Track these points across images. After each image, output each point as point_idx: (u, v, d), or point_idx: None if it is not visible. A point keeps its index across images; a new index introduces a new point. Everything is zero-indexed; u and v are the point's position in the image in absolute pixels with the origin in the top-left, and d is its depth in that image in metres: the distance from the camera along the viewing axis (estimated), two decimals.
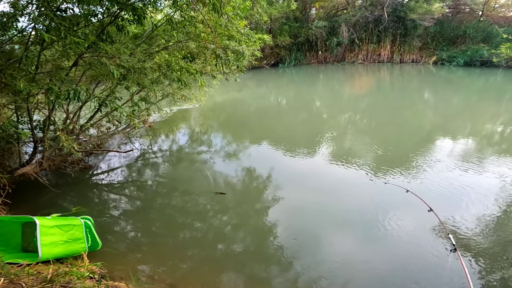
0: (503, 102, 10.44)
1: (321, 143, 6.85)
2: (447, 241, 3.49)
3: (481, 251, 3.35)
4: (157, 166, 6.07)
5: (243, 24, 5.54)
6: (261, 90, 14.57)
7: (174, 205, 4.68)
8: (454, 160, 5.63)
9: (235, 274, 3.26)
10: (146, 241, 3.82)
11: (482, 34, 18.51)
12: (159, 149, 6.91)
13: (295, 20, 21.58)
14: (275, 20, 19.82)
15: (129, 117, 5.06)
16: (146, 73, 5.19)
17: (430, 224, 3.81)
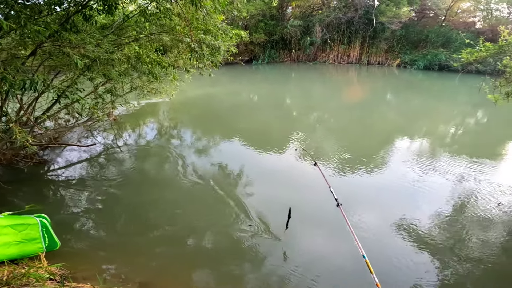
0: (457, 106, 11.34)
1: (291, 140, 7.01)
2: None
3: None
4: (122, 161, 5.84)
5: (221, 18, 5.46)
6: (234, 86, 14.50)
7: (142, 201, 4.54)
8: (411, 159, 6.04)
9: (208, 271, 3.26)
10: (112, 239, 3.69)
11: (443, 39, 19.72)
12: (125, 143, 6.65)
13: (271, 18, 21.67)
14: (251, 17, 19.76)
15: (91, 109, 4.80)
16: (114, 64, 4.96)
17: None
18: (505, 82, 4.41)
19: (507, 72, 4.40)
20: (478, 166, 5.60)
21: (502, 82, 4.46)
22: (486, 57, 4.49)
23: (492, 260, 3.41)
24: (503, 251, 3.56)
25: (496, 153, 6.46)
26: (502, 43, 4.28)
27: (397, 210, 4.28)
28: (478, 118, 9.55)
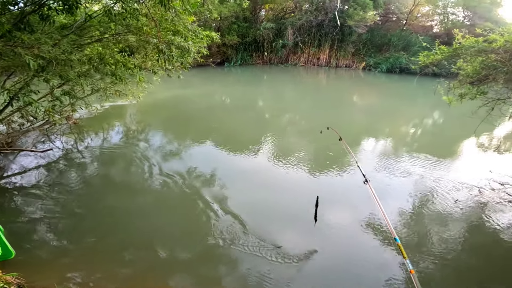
0: (417, 107, 12.06)
1: (264, 142, 7.04)
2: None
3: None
4: (84, 166, 5.54)
5: (192, 19, 5.32)
6: (206, 88, 14.30)
7: (108, 207, 4.35)
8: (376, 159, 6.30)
9: (182, 275, 3.20)
10: (74, 247, 3.51)
11: (403, 42, 20.77)
12: (87, 147, 6.31)
13: (244, 20, 21.67)
14: (224, 19, 19.65)
15: (47, 112, 4.48)
16: (73, 65, 4.67)
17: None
18: (458, 84, 4.70)
19: (460, 74, 4.69)
20: (436, 165, 5.94)
21: (455, 84, 4.75)
22: (441, 60, 4.75)
23: (453, 255, 3.61)
24: (462, 246, 3.78)
25: (451, 151, 6.90)
26: (456, 46, 4.48)
27: (361, 209, 4.41)
28: (435, 118, 10.23)
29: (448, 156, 6.45)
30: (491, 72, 4.13)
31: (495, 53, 4.06)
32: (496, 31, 4.18)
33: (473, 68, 4.34)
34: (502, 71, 3.99)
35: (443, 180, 5.30)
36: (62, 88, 5.41)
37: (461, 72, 4.65)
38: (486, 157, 6.43)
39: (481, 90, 4.47)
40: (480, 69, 4.24)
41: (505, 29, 4.11)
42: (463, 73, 4.58)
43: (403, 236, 3.91)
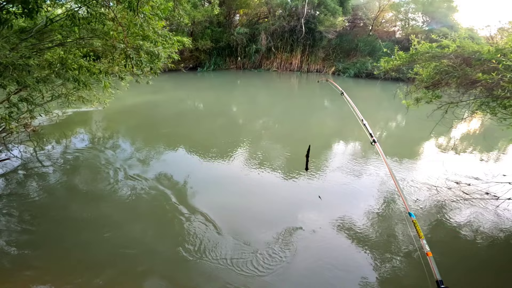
0: (381, 110, 12.68)
1: (237, 147, 7.03)
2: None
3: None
4: (45, 175, 5.25)
5: (162, 25, 5.24)
6: (178, 93, 14.07)
7: (72, 216, 4.18)
8: (345, 162, 6.54)
9: (153, 285, 3.13)
10: (39, 260, 3.35)
11: (369, 47, 21.75)
12: (48, 156, 5.98)
13: (218, 25, 21.65)
14: (198, 23, 19.45)
15: (4, 120, 4.20)
16: (31, 70, 4.42)
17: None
18: (415, 88, 5.03)
19: (417, 79, 5.01)
20: (399, 166, 6.27)
21: (412, 88, 5.06)
22: (400, 65, 5.04)
23: (418, 250, 3.78)
24: (429, 244, 4.00)
25: (412, 153, 7.32)
26: (413, 52, 4.71)
27: (333, 211, 4.56)
28: (397, 121, 10.82)
29: (409, 157, 6.83)
30: (444, 77, 4.44)
31: (447, 59, 4.32)
32: (449, 37, 4.51)
33: (428, 73, 4.63)
34: (454, 76, 4.29)
35: (406, 180, 5.58)
36: (19, 94, 5.10)
37: (418, 77, 4.94)
38: (442, 158, 6.84)
39: (435, 94, 4.77)
40: (434, 74, 4.52)
41: (456, 35, 4.39)
42: (419, 78, 4.87)
43: (371, 237, 4.05)
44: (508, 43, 3.47)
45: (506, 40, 3.69)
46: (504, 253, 3.90)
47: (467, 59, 3.98)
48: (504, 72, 2.87)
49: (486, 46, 3.80)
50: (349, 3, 21.83)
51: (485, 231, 4.19)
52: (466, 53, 3.94)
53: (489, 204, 4.73)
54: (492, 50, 3.49)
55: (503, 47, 3.44)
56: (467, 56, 3.94)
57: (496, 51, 3.43)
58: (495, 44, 3.93)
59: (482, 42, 4.69)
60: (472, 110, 4.64)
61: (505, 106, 3.99)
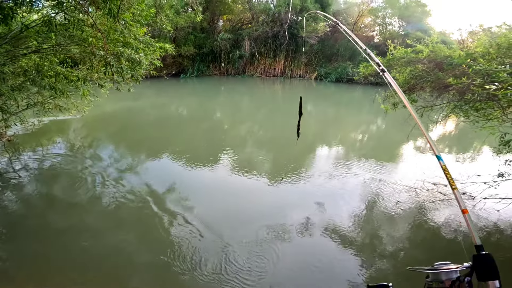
0: (362, 115, 13.01)
1: (221, 153, 7.00)
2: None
3: None
4: (21, 186, 5.04)
5: (143, 31, 5.22)
6: (160, 100, 13.89)
7: (51, 227, 4.04)
8: (329, 165, 6.63)
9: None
10: (19, 273, 3.21)
11: (349, 52, 22.23)
12: (24, 166, 5.74)
13: (201, 30, 21.57)
14: (181, 29, 19.30)
15: None
16: (5, 78, 4.26)
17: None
18: (392, 93, 5.18)
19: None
20: (379, 169, 6.39)
21: (389, 93, 5.22)
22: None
23: (402, 252, 3.88)
24: (409, 244, 4.07)
25: (392, 156, 7.53)
26: (389, 57, 4.85)
27: (322, 214, 4.59)
28: (378, 125, 11.12)
29: (389, 160, 7.00)
30: (419, 81, 4.63)
31: (421, 63, 4.48)
32: (423, 42, 4.69)
33: (404, 78, 4.79)
34: (428, 80, 4.48)
35: (386, 183, 5.68)
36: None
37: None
38: (420, 160, 7.08)
39: (411, 99, 4.93)
40: (409, 78, 4.70)
41: (429, 39, 4.56)
42: (396, 83, 5.03)
43: (357, 236, 4.11)
44: (477, 47, 3.66)
45: (476, 45, 3.88)
46: (487, 247, 4.05)
47: (439, 63, 4.17)
48: (474, 77, 3.03)
49: (457, 51, 3.99)
50: (330, 9, 22.30)
51: (464, 230, 4.30)
52: (439, 58, 4.12)
53: (465, 204, 4.89)
54: (462, 55, 3.67)
55: (473, 51, 3.63)
56: (439, 60, 4.13)
57: (466, 55, 3.61)
58: (466, 48, 4.14)
59: (454, 46, 4.89)
60: (446, 113, 4.83)
61: (477, 109, 4.15)
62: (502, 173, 4.53)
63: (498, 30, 4.55)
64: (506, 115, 3.78)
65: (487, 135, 4.37)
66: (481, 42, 3.85)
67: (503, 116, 3.82)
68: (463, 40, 17.64)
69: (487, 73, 2.93)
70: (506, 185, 4.59)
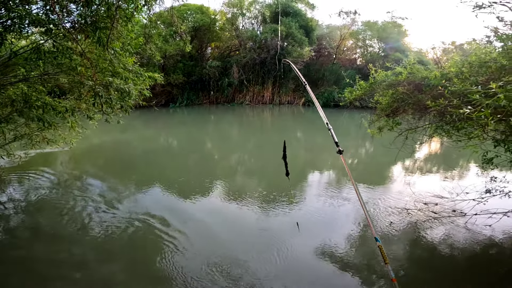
0: (350, 139, 12.95)
1: (213, 183, 6.90)
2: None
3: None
4: (7, 218, 4.90)
5: (132, 60, 5.22)
6: (149, 131, 13.87)
7: (38, 258, 3.89)
8: (322, 191, 6.66)
9: None
10: None
11: (334, 76, 22.96)
12: (10, 199, 5.56)
13: (190, 58, 21.93)
14: (169, 57, 19.61)
15: None
16: None
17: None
18: (377, 117, 5.30)
19: (378, 107, 5.30)
20: (370, 192, 6.41)
21: (375, 117, 5.34)
22: (362, 95, 5.33)
23: (402, 273, 3.77)
24: (407, 263, 4.02)
25: (382, 178, 7.59)
26: (371, 81, 4.99)
27: (310, 238, 4.50)
28: (366, 149, 11.31)
29: (379, 183, 7.04)
30: (401, 104, 4.77)
31: (401, 86, 4.62)
32: (401, 63, 4.85)
33: (386, 101, 4.92)
34: (409, 103, 4.63)
35: (379, 205, 5.67)
36: None
37: (378, 105, 5.22)
38: (409, 181, 7.10)
39: (395, 122, 5.03)
40: (391, 101, 4.81)
41: (406, 61, 4.70)
42: (379, 107, 5.14)
43: (354, 257, 4.05)
44: (451, 67, 3.85)
45: (450, 64, 4.08)
46: (483, 266, 4.00)
47: (418, 85, 4.34)
48: (451, 98, 3.16)
49: (433, 72, 4.16)
50: (314, 33, 23.37)
51: (460, 247, 4.29)
52: (417, 80, 4.30)
53: (457, 221, 4.90)
54: (438, 76, 3.84)
55: (447, 71, 3.81)
56: (417, 82, 4.31)
57: (441, 76, 3.77)
58: (441, 68, 4.35)
59: (430, 66, 5.11)
60: (429, 134, 4.95)
61: (458, 129, 4.25)
62: (489, 189, 4.61)
63: (469, 47, 4.81)
64: (486, 133, 3.88)
65: (471, 153, 4.51)
66: (454, 61, 4.05)
67: (483, 134, 3.91)
68: (438, 59, 18.44)
69: (462, 93, 3.08)
70: (494, 200, 4.66)
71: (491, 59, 3.27)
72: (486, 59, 3.35)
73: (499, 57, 3.24)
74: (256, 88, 23.65)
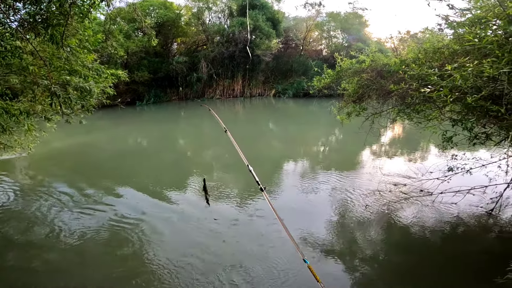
0: (321, 127, 13.54)
1: (189, 181, 6.77)
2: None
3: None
4: None
5: (92, 58, 4.98)
6: (117, 131, 13.22)
7: (9, 266, 3.80)
8: (296, 179, 6.76)
9: None
10: None
11: (303, 67, 23.42)
12: None
13: (155, 54, 21.17)
14: (132, 54, 18.77)
15: None
16: None
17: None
18: (345, 103, 5.53)
19: (345, 94, 5.51)
20: (343, 177, 6.62)
21: (343, 104, 5.56)
22: (330, 83, 5.51)
23: (381, 254, 3.98)
24: (385, 245, 4.19)
25: (353, 163, 7.91)
26: (338, 69, 5.21)
27: (297, 226, 4.55)
28: (336, 135, 11.68)
29: (351, 168, 7.32)
30: (366, 90, 5.00)
31: (365, 73, 4.85)
32: (364, 52, 5.06)
33: (353, 88, 5.14)
34: (373, 88, 4.86)
35: (353, 189, 5.87)
36: None
37: (346, 92, 5.43)
38: (378, 164, 7.49)
39: (362, 107, 5.29)
40: (357, 88, 5.05)
41: (368, 49, 4.94)
42: (347, 93, 5.37)
43: (336, 244, 4.17)
44: (408, 54, 4.09)
45: (407, 51, 4.34)
46: (456, 246, 4.21)
47: (380, 72, 4.57)
48: (410, 82, 3.37)
49: (393, 59, 4.41)
50: (281, 26, 23.42)
51: (431, 227, 4.52)
52: (379, 66, 4.52)
53: (425, 201, 5.15)
54: (397, 62, 4.07)
55: (405, 58, 4.05)
56: (380, 69, 4.54)
57: (400, 62, 4.01)
58: (399, 55, 4.60)
59: (390, 54, 5.39)
60: (392, 118, 5.23)
61: (418, 111, 4.56)
62: (451, 168, 4.83)
63: (423, 35, 5.12)
64: (443, 114, 4.14)
65: (431, 134, 4.78)
66: (410, 48, 4.31)
67: (441, 116, 4.18)
68: (396, 47, 19.39)
69: (420, 77, 3.27)
70: (456, 178, 4.88)
71: (444, 45, 3.49)
72: (439, 45, 3.57)
73: (450, 43, 3.47)
74: (226, 82, 23.38)
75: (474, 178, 4.78)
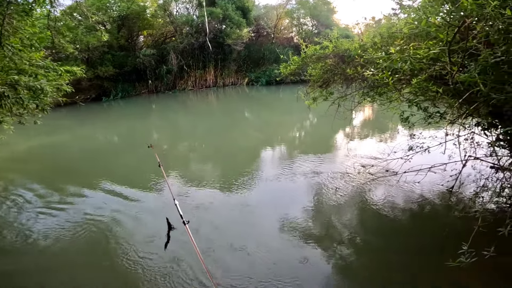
0: (292, 113, 13.36)
1: (167, 176, 6.58)
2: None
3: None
4: None
5: (40, 55, 4.79)
6: (84, 129, 12.57)
7: None
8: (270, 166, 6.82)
9: None
10: None
11: (274, 55, 23.28)
12: None
13: (119, 48, 20.26)
14: (94, 49, 17.76)
15: None
16: None
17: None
18: (311, 89, 5.60)
19: (311, 80, 5.56)
20: (313, 161, 6.71)
21: (309, 89, 5.63)
22: (296, 69, 5.54)
23: (358, 237, 4.01)
24: (359, 228, 4.24)
25: (322, 147, 8.06)
26: (303, 55, 5.23)
27: (275, 213, 4.60)
28: (309, 121, 11.81)
29: (320, 152, 7.41)
30: (330, 75, 5.09)
31: (329, 58, 4.91)
32: (327, 38, 5.11)
33: (318, 73, 5.17)
34: (336, 73, 4.95)
35: (325, 172, 5.94)
36: None
37: (311, 78, 5.48)
38: (347, 146, 7.54)
39: (328, 92, 5.37)
40: (322, 73, 5.09)
41: (331, 35, 4.97)
42: (312, 79, 5.42)
43: (309, 229, 4.17)
44: (367, 39, 4.20)
45: (366, 36, 4.44)
46: (420, 220, 4.40)
47: (342, 57, 4.64)
48: (367, 65, 3.47)
49: (355, 44, 4.50)
50: (251, 14, 23.06)
51: (399, 207, 4.61)
52: (341, 52, 4.60)
53: (391, 180, 5.30)
54: (357, 47, 4.17)
55: (364, 43, 4.14)
56: (342, 54, 4.61)
57: (359, 47, 4.10)
58: (361, 41, 4.70)
59: (355, 40, 5.46)
60: (358, 101, 5.36)
61: (380, 94, 4.72)
62: (411, 147, 5.02)
63: (386, 21, 5.22)
64: (402, 96, 4.29)
65: (393, 115, 4.97)
66: (368, 33, 4.41)
67: (400, 97, 4.33)
68: (362, 33, 19.87)
69: (374, 61, 3.37)
70: (418, 157, 5.05)
71: (397, 30, 3.59)
72: (393, 30, 3.67)
73: (403, 28, 3.57)
74: (198, 73, 22.85)
75: (435, 156, 4.89)
